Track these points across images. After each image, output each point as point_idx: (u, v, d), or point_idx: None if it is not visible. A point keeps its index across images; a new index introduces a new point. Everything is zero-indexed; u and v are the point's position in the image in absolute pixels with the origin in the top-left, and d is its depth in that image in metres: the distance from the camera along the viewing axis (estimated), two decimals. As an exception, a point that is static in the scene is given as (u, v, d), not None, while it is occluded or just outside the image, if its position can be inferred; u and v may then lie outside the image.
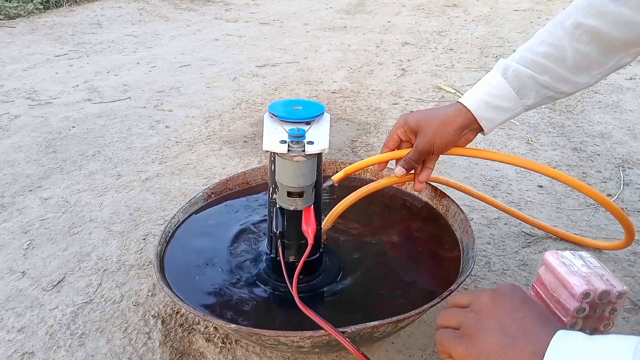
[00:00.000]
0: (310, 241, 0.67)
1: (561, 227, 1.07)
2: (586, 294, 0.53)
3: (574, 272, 0.55)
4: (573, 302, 0.54)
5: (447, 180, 0.96)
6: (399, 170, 0.79)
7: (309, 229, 0.67)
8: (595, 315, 0.54)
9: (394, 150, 0.80)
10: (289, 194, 0.67)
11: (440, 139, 0.74)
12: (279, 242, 0.70)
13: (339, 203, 0.82)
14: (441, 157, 0.86)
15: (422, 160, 0.79)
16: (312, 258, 0.74)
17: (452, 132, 0.74)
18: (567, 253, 0.59)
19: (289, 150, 0.63)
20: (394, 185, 0.99)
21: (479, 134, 0.78)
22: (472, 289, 0.89)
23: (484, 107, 0.73)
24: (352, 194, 0.83)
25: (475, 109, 0.73)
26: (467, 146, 0.80)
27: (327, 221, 0.81)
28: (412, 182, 0.85)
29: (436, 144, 0.75)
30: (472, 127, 0.75)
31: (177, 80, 2.16)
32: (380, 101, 1.87)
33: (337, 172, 1.03)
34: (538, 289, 0.60)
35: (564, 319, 0.55)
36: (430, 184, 0.94)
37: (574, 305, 0.53)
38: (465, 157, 1.39)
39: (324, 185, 0.81)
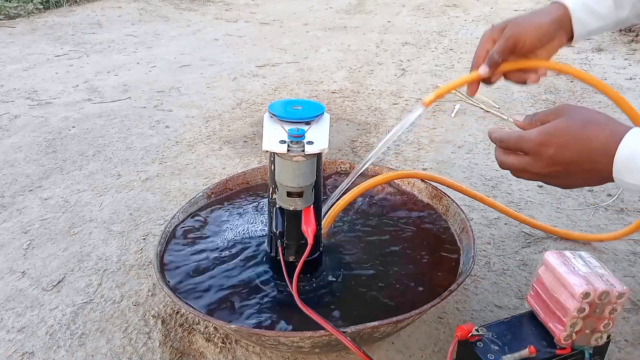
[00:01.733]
0: (310, 241, 0.67)
1: (561, 227, 1.07)
2: (586, 294, 0.53)
3: (573, 272, 0.55)
4: (573, 302, 0.54)
5: (444, 179, 0.95)
6: (483, 69, 0.69)
7: (308, 229, 0.67)
8: (595, 315, 0.54)
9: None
10: (289, 194, 0.67)
11: (535, 30, 0.67)
12: (278, 242, 0.70)
13: (335, 203, 0.82)
14: (441, 157, 0.85)
15: (509, 52, 0.69)
16: (311, 258, 0.74)
17: (546, 23, 0.68)
18: (567, 253, 0.59)
19: (288, 150, 0.63)
20: (393, 185, 0.99)
21: (566, 45, 0.73)
22: (472, 288, 0.89)
23: (580, 7, 0.70)
24: (346, 194, 0.83)
25: (573, 6, 0.69)
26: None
27: (325, 223, 0.81)
28: (409, 180, 0.84)
29: (529, 34, 0.67)
30: (565, 26, 0.70)
31: (177, 80, 2.16)
32: (380, 101, 1.87)
33: (337, 172, 1.04)
34: (538, 289, 0.60)
35: (564, 319, 0.55)
36: (430, 184, 0.94)
37: (573, 305, 0.53)
38: (464, 158, 1.39)
39: (413, 113, 0.72)
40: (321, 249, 0.77)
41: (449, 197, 0.89)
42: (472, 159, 1.38)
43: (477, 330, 0.57)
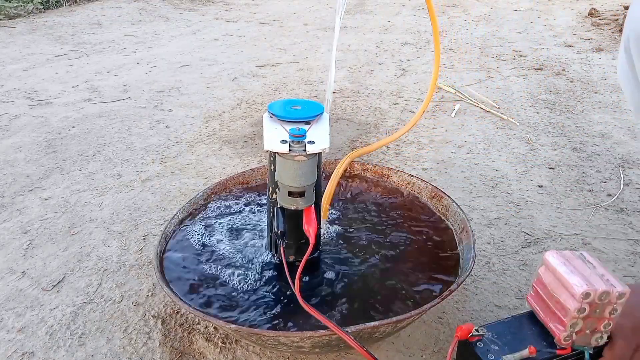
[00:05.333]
0: (312, 240, 0.67)
1: (561, 227, 1.07)
2: (586, 294, 0.52)
3: (574, 272, 0.55)
4: (573, 302, 0.53)
5: (364, 149, 0.93)
6: None
7: (310, 229, 0.67)
8: (595, 315, 0.54)
9: None
10: (290, 194, 0.67)
11: None
12: (280, 242, 0.70)
13: (324, 195, 0.82)
14: (441, 157, 0.85)
15: None
16: (310, 257, 0.74)
17: None
18: (567, 253, 0.59)
19: (290, 150, 0.63)
20: (393, 185, 0.99)
21: None
22: (472, 288, 0.89)
23: None
24: (329, 182, 0.83)
25: None
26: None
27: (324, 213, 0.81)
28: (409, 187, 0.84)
29: None
30: None
31: (177, 80, 2.16)
32: (380, 101, 1.87)
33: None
34: (538, 289, 0.60)
35: (564, 319, 0.55)
36: (431, 184, 0.94)
37: (574, 305, 0.53)
38: (464, 158, 1.39)
39: None
40: (320, 248, 0.77)
41: (449, 197, 0.89)
42: (472, 159, 1.38)
43: (477, 330, 0.57)
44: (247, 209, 0.94)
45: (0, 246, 1.03)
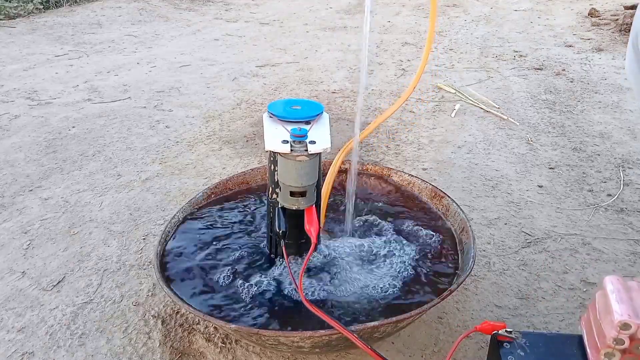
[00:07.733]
0: (314, 240, 0.67)
1: (561, 227, 1.07)
2: (625, 325, 0.48)
3: (623, 300, 0.50)
4: (611, 330, 0.49)
5: (371, 126, 0.90)
6: None
7: (311, 229, 0.67)
8: (637, 351, 0.49)
9: None
10: (292, 194, 0.67)
11: None
12: (282, 242, 0.70)
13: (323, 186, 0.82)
14: (441, 157, 0.84)
15: None
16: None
17: None
18: (633, 282, 0.54)
19: (291, 150, 0.63)
20: (394, 184, 0.99)
21: None
22: (472, 288, 0.89)
23: None
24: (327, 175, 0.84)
25: None
26: None
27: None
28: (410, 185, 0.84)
29: None
30: None
31: (177, 80, 2.16)
32: (380, 101, 1.87)
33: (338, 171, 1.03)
34: (590, 313, 0.56)
35: (599, 346, 0.51)
36: (431, 184, 0.94)
37: (610, 333, 0.49)
38: (464, 158, 1.39)
39: None
40: (320, 246, 0.77)
41: (449, 197, 0.89)
42: (472, 159, 1.38)
43: (508, 331, 0.55)
44: (247, 209, 0.94)
45: (0, 246, 1.03)
